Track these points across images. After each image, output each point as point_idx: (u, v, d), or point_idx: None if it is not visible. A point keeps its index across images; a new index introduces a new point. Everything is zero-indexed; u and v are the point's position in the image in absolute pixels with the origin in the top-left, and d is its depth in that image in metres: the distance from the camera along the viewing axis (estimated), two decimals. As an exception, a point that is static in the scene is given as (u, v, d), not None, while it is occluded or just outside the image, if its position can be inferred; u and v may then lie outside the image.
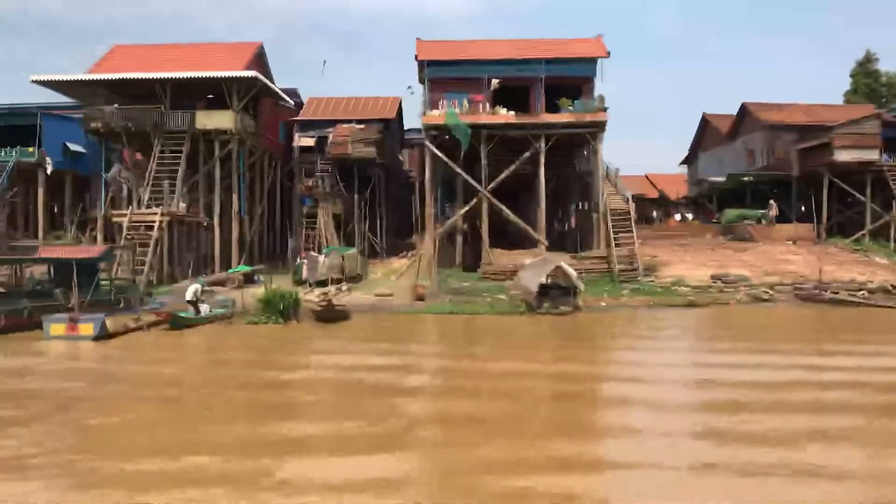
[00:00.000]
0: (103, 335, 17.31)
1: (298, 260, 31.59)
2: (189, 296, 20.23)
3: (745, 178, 43.63)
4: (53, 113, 40.89)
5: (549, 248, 31.37)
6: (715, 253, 33.51)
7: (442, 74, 32.29)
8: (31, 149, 39.12)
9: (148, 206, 30.66)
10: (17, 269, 24.16)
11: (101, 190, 43.47)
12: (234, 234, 33.19)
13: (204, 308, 20.83)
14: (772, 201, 40.39)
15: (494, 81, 31.19)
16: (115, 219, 29.79)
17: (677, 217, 51.77)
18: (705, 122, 52.64)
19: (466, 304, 24.95)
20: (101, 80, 31.92)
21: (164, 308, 21.13)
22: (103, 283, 22.79)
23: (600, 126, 30.91)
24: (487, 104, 31.39)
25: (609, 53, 31.84)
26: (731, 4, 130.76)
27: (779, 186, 43.29)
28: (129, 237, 28.69)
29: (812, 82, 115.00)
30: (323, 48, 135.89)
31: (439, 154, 31.10)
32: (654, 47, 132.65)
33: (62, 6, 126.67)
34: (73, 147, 41.73)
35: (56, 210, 42.54)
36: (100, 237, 33.58)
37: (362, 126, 39.75)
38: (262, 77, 32.06)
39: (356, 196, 39.01)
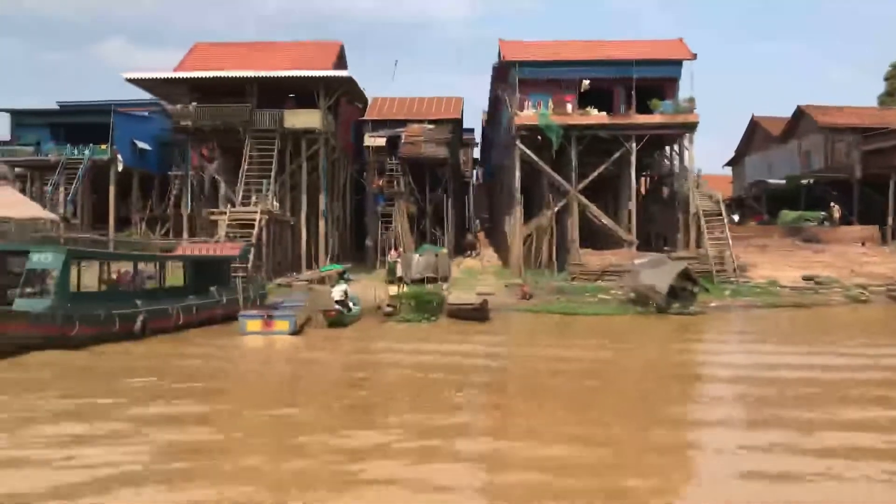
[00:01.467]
0: (296, 331, 17.51)
1: (389, 258, 31.82)
2: (338, 295, 20.41)
3: (805, 181, 44.02)
4: (123, 111, 41.04)
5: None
6: (794, 254, 33.87)
7: (527, 75, 32.54)
8: (103, 146, 39.25)
9: (232, 205, 31.02)
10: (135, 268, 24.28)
11: (167, 187, 43.81)
12: (322, 233, 33.38)
13: (356, 309, 21.10)
14: (833, 203, 40.79)
15: (585, 82, 31.48)
16: (212, 217, 29.92)
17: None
18: (754, 125, 53.06)
19: (579, 304, 25.18)
20: (194, 77, 32.05)
21: (294, 306, 21.27)
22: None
23: (691, 127, 31.26)
24: (576, 105, 31.66)
25: (696, 56, 32.18)
26: (725, 11, 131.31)
27: (836, 188, 43.68)
28: (230, 235, 28.84)
29: (815, 86, 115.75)
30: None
31: (530, 154, 31.34)
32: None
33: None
34: (141, 145, 41.92)
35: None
36: (185, 234, 33.73)
37: (432, 126, 39.97)
38: (354, 77, 32.26)
39: (427, 195, 39.27)
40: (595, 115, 31.24)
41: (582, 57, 32.12)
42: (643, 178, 38.69)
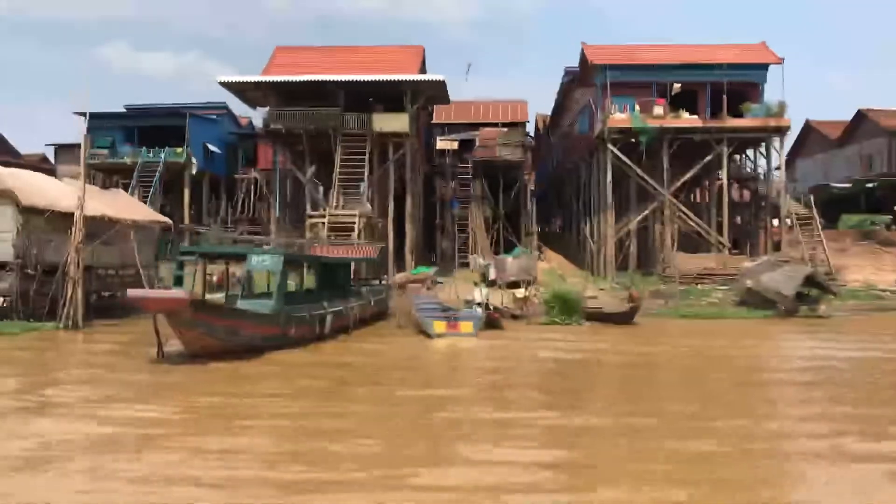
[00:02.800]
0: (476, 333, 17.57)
1: (478, 261, 31.94)
2: (480, 297, 20.48)
3: (870, 184, 44.06)
4: (196, 114, 41.25)
5: (707, 251, 31.94)
6: (879, 258, 33.91)
7: (613, 79, 32.64)
8: (179, 149, 39.45)
9: (315, 207, 31.24)
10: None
11: (234, 189, 43.96)
12: (410, 236, 33.50)
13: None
14: (899, 207, 40.86)
15: (676, 86, 31.62)
16: (311, 219, 30.05)
17: (775, 222, 52.22)
18: (808, 129, 53.13)
19: (700, 308, 25.22)
20: (288, 81, 32.15)
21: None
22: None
23: (783, 130, 31.38)
24: (662, 108, 31.79)
25: (783, 59, 32.32)
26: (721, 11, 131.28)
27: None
28: (331, 237, 28.96)
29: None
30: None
31: (622, 157, 31.45)
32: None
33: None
34: (212, 148, 42.11)
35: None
36: (273, 236, 33.82)
37: (505, 129, 40.16)
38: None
39: (500, 198, 39.44)
40: (687, 118, 31.36)
41: (673, 60, 32.21)
42: (717, 182, 38.70)
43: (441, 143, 40.05)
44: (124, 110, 44.77)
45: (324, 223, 29.75)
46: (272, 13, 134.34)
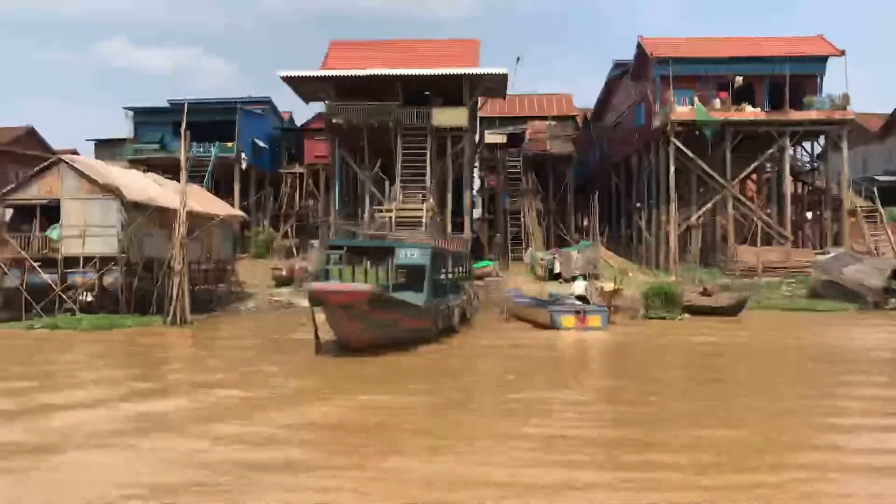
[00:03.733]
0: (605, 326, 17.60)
1: (536, 255, 31.93)
2: (581, 290, 20.49)
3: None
4: (245, 109, 41.20)
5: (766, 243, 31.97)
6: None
7: (671, 72, 32.57)
8: (229, 144, 39.43)
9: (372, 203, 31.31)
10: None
11: (279, 184, 44.00)
12: (467, 230, 33.52)
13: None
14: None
15: (738, 79, 31.55)
16: (380, 214, 30.09)
17: (808, 215, 52.18)
18: (847, 121, 52.93)
19: (778, 301, 25.24)
20: (357, 76, 32.13)
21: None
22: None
23: (847, 123, 31.34)
24: (729, 101, 31.76)
25: (844, 52, 32.24)
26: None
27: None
28: (399, 231, 29.01)
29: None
30: (323, 49, 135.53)
31: (685, 150, 31.42)
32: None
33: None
34: (260, 143, 42.13)
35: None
36: (332, 232, 33.87)
37: (555, 123, 40.13)
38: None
39: (551, 192, 39.43)
40: (751, 111, 31.32)
41: (735, 53, 32.15)
42: (765, 175, 38.65)
43: (490, 137, 39.96)
44: (168, 105, 44.67)
45: (391, 217, 29.75)
46: (270, 11, 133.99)
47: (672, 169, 31.85)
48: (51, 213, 20.07)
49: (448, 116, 32.77)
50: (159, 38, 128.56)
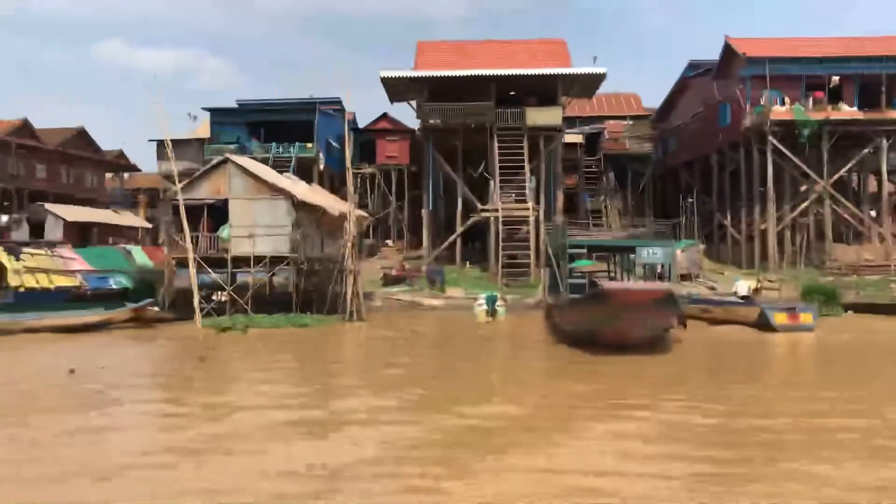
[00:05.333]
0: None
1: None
2: (744, 290, 20.66)
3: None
4: (322, 110, 41.28)
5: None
6: None
7: (762, 72, 32.84)
8: (309, 145, 39.54)
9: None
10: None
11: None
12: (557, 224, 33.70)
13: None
14: None
15: (835, 78, 31.87)
16: (483, 213, 30.28)
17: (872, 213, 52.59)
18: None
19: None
20: (454, 76, 32.28)
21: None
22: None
23: (948, 123, 31.68)
24: (825, 101, 32.04)
25: (936, 51, 32.54)
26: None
27: None
28: (505, 231, 29.27)
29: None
30: (326, 48, 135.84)
31: (783, 149, 31.69)
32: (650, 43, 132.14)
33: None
34: (334, 143, 42.24)
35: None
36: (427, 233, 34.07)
37: (632, 122, 40.37)
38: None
39: (629, 190, 39.70)
40: (848, 111, 31.62)
41: (830, 53, 32.44)
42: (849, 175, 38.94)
43: (568, 137, 40.16)
44: (237, 106, 44.73)
45: (497, 217, 29.95)
46: (270, 10, 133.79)
47: (770, 168, 32.11)
48: (215, 213, 20.16)
49: (543, 116, 32.99)
50: (159, 38, 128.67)
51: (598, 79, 32.70)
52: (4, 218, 34.55)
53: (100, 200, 56.90)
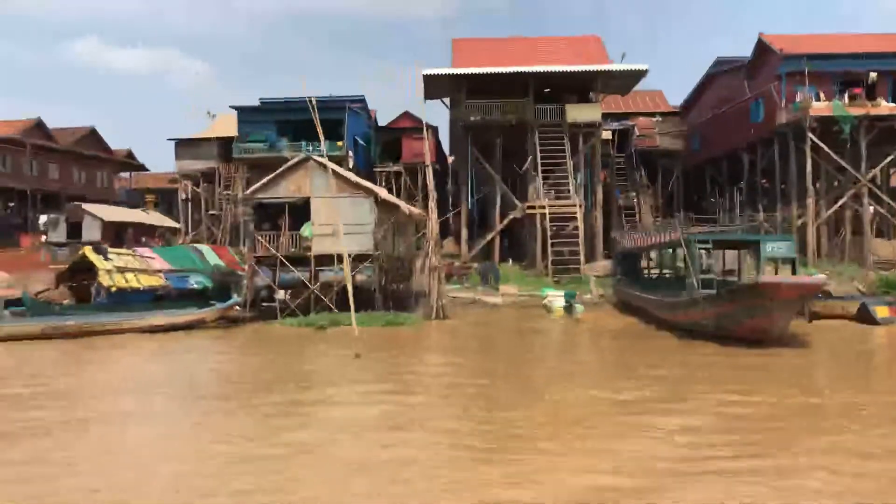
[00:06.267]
0: None
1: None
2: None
3: None
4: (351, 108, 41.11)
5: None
6: None
7: (799, 68, 33.14)
8: (339, 143, 39.33)
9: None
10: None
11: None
12: (599, 224, 33.89)
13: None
14: None
15: (872, 74, 32.28)
16: (530, 210, 30.32)
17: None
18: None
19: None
20: (494, 73, 32.26)
21: None
22: None
23: None
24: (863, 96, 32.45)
25: (966, 48, 33.06)
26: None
27: None
28: (553, 228, 29.37)
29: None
30: (310, 49, 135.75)
31: (822, 145, 32.02)
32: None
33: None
34: (360, 142, 42.13)
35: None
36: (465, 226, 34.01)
37: (661, 119, 40.60)
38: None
39: (659, 186, 39.92)
40: (888, 106, 32.00)
41: (869, 48, 32.85)
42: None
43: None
44: (258, 105, 44.39)
45: (544, 214, 30.01)
46: (247, 10, 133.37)
47: (809, 164, 32.42)
48: (295, 211, 20.01)
49: (583, 112, 33.11)
50: (133, 38, 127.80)
51: (638, 75, 32.85)
52: (43, 218, 34.09)
53: (111, 201, 56.33)
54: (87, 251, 18.53)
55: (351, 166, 39.94)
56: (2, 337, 15.92)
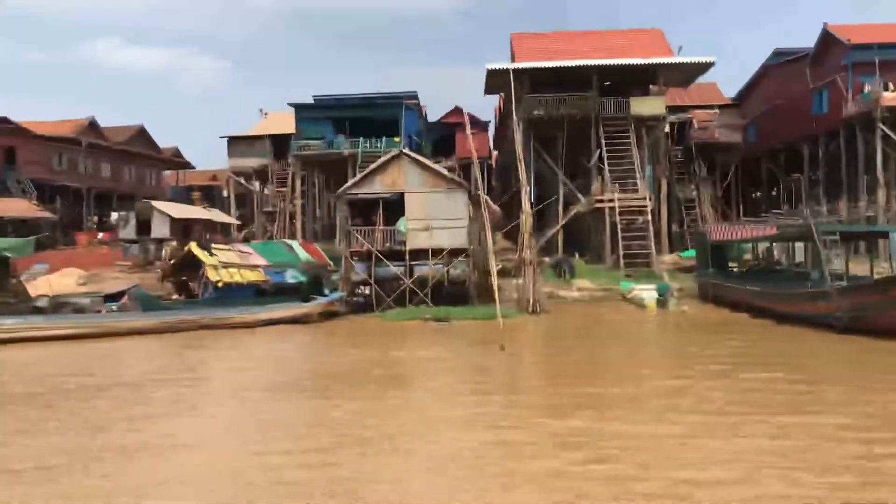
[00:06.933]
0: None
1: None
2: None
3: None
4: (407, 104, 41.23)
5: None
6: None
7: (867, 58, 32.73)
8: (397, 139, 39.47)
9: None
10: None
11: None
12: (664, 218, 33.72)
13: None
14: None
15: (949, 63, 31.81)
16: (599, 204, 30.26)
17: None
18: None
19: None
20: (558, 67, 32.22)
21: None
22: None
23: None
24: None
25: None
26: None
27: None
28: (623, 221, 29.27)
29: None
30: (315, 46, 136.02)
31: (893, 136, 31.59)
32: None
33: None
34: (415, 137, 42.25)
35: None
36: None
37: (718, 111, 40.28)
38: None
39: (718, 180, 39.64)
40: (959, 95, 31.51)
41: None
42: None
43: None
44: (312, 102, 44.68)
45: (613, 207, 29.94)
46: (260, 8, 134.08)
47: (879, 155, 32.04)
48: (390, 206, 20.17)
49: (647, 105, 32.95)
50: (149, 37, 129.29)
51: (703, 68, 32.63)
52: (115, 215, 34.70)
53: (159, 198, 57.10)
54: (194, 247, 18.85)
55: (407, 162, 40.17)
56: (121, 332, 16.27)
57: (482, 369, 12.24)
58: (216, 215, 38.28)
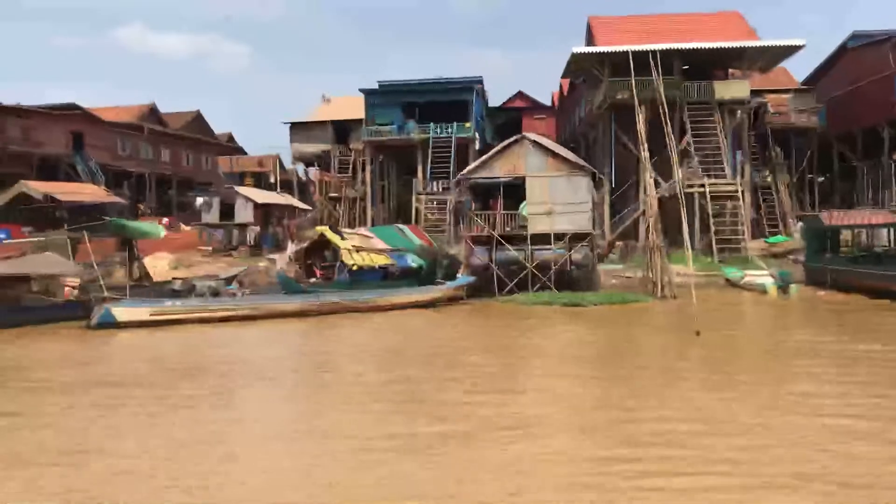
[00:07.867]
0: None
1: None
2: None
3: None
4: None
5: None
6: None
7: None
8: (467, 124, 39.37)
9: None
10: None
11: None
12: (748, 203, 33.26)
13: None
14: None
15: None
16: (688, 189, 29.89)
17: None
18: None
19: None
20: (641, 51, 31.76)
21: None
22: None
23: None
24: None
25: None
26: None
27: None
28: (716, 207, 28.97)
29: None
30: (339, 29, 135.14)
31: None
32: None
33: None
34: (483, 123, 42.07)
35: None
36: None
37: (792, 95, 39.59)
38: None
39: (793, 165, 39.03)
40: None
41: None
42: None
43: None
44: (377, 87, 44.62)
45: (703, 192, 29.63)
46: None
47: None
48: (510, 191, 20.12)
49: (731, 89, 32.52)
50: (176, 23, 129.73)
51: (790, 51, 32.07)
52: (200, 200, 35.08)
53: (217, 184, 57.58)
54: (326, 231, 18.97)
55: (478, 148, 40.03)
56: (263, 314, 16.44)
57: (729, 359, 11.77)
58: (288, 200, 38.49)
